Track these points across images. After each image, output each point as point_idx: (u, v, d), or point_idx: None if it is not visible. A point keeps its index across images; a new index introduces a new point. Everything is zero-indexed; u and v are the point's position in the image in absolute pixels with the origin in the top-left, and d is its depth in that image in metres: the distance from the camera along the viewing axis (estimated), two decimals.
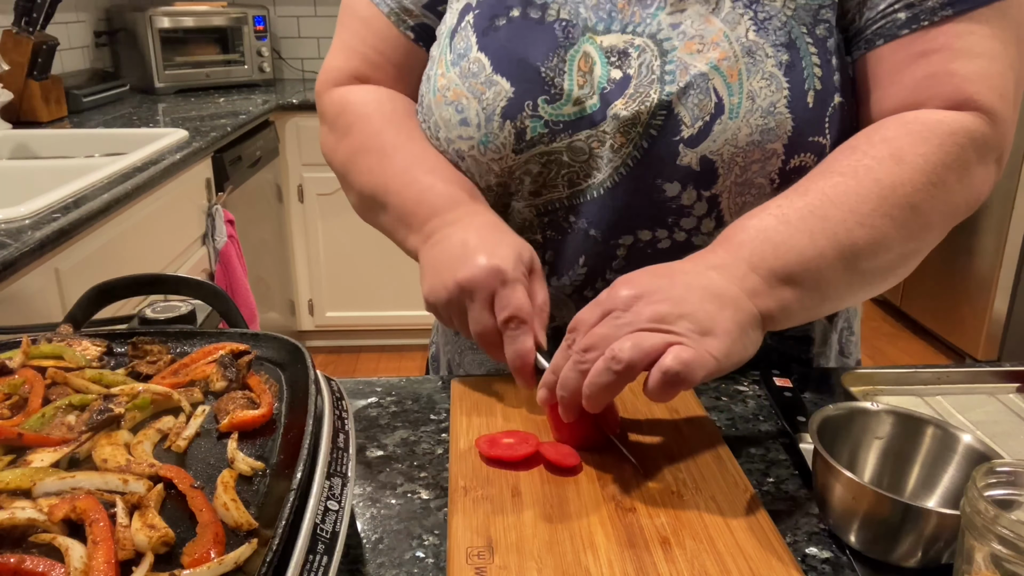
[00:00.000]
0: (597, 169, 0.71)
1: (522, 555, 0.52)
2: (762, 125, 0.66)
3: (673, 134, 0.68)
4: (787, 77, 0.67)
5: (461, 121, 0.73)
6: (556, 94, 0.70)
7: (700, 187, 0.69)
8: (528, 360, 0.64)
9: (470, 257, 0.66)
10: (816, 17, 0.68)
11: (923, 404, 0.72)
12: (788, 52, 0.67)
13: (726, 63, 0.66)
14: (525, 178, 0.73)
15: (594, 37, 0.70)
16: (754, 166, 0.68)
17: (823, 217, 0.61)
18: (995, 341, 2.94)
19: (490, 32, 0.73)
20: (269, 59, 3.16)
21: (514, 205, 0.76)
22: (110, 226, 1.58)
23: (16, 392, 0.53)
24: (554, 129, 0.70)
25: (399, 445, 0.67)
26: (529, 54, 0.71)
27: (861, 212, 0.61)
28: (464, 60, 0.73)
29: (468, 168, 0.76)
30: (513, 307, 0.64)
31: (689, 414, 0.70)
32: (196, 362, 0.58)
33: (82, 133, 2.21)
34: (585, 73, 0.70)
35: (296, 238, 3.01)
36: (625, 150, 0.69)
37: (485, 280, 0.65)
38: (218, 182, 2.22)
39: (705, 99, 0.66)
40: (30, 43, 2.24)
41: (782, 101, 0.66)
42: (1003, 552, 0.42)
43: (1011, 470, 0.46)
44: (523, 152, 0.72)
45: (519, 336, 0.64)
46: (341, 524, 0.44)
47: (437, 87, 0.75)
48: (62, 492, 0.44)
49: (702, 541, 0.53)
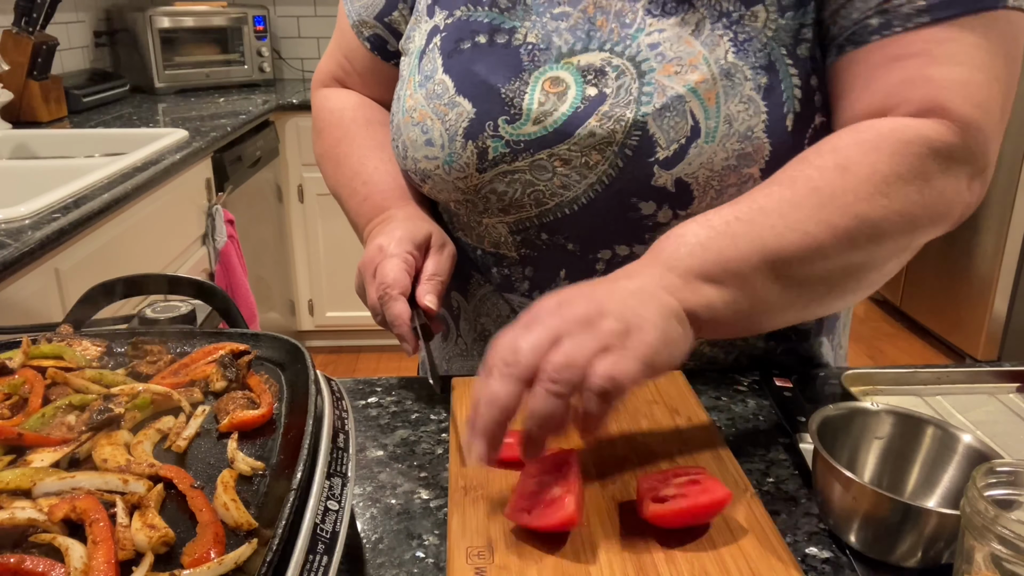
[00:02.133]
0: (566, 188, 0.70)
1: (522, 555, 0.52)
2: (739, 150, 0.66)
3: (648, 155, 0.67)
4: (765, 100, 0.65)
5: (426, 142, 0.74)
6: (516, 114, 0.70)
7: (676, 207, 0.69)
8: (400, 322, 0.69)
9: (369, 244, 0.76)
10: (797, 36, 0.66)
11: (923, 404, 0.72)
12: (767, 75, 0.65)
13: (704, 86, 0.65)
14: (491, 196, 0.74)
15: (570, 60, 0.70)
16: (730, 189, 0.67)
17: (749, 222, 0.58)
18: (995, 341, 2.94)
19: (455, 55, 0.73)
20: (269, 59, 3.16)
21: (486, 222, 0.77)
22: (110, 226, 1.58)
23: (16, 392, 0.53)
24: (515, 149, 0.70)
25: (399, 445, 0.67)
26: (491, 76, 0.71)
27: (792, 218, 0.57)
28: (430, 82, 0.74)
29: (433, 187, 0.76)
30: (381, 275, 0.71)
31: (689, 414, 0.70)
32: (196, 362, 0.58)
33: (82, 133, 2.21)
34: (551, 94, 0.69)
35: (296, 238, 3.01)
36: (600, 168, 0.69)
37: (371, 259, 0.73)
38: (218, 182, 2.22)
39: (681, 121, 0.66)
40: (30, 43, 2.24)
41: (760, 125, 0.65)
42: (1003, 552, 0.42)
43: (1011, 470, 0.46)
44: (486, 171, 0.72)
45: (388, 302, 0.70)
46: (341, 524, 0.44)
47: (405, 107, 0.77)
48: (62, 492, 0.44)
49: (702, 541, 0.53)
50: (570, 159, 0.69)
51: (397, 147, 0.79)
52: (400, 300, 0.70)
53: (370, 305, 0.73)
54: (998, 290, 2.89)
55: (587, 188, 0.70)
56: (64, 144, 2.12)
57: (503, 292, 0.81)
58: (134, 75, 2.95)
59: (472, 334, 0.86)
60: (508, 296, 0.81)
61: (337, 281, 3.07)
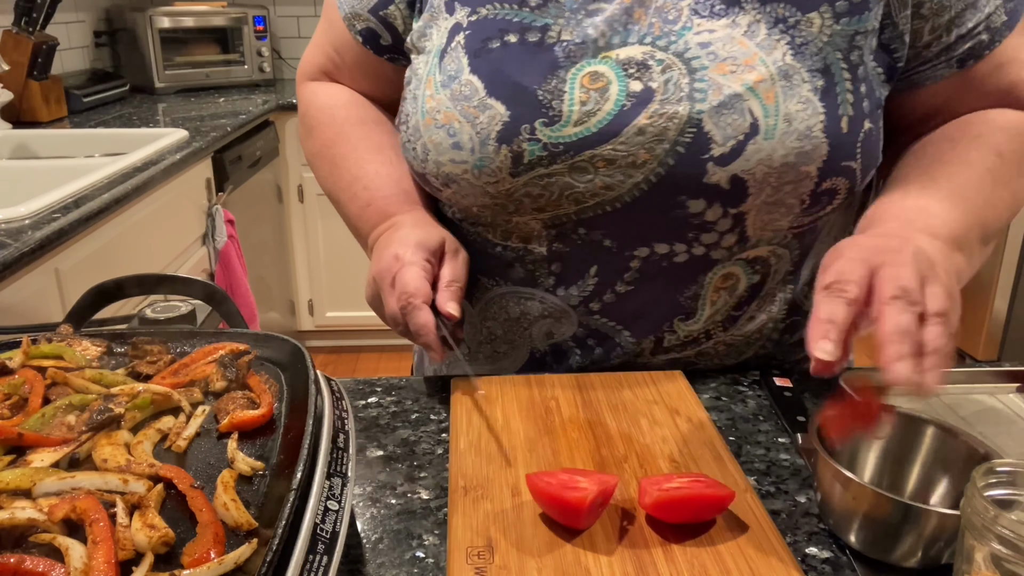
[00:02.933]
0: (609, 188, 0.69)
1: (522, 555, 0.52)
2: (798, 148, 0.66)
3: (702, 152, 0.66)
4: (823, 102, 0.66)
5: (453, 145, 0.71)
6: (555, 116, 0.68)
7: (727, 205, 0.68)
8: (426, 331, 0.69)
9: (381, 253, 0.74)
10: (851, 43, 0.67)
11: (923, 404, 0.72)
12: (823, 78, 0.67)
13: (763, 85, 0.66)
14: (524, 199, 0.71)
15: (608, 55, 0.68)
16: (787, 187, 0.67)
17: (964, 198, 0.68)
18: (995, 341, 2.94)
19: (483, 54, 0.70)
20: (269, 59, 3.16)
21: (517, 219, 0.74)
22: (110, 226, 1.58)
23: (16, 392, 0.53)
24: (553, 152, 0.68)
25: (399, 445, 0.67)
26: (524, 77, 0.69)
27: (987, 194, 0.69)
28: (455, 82, 0.71)
29: (457, 192, 0.73)
30: (401, 286, 0.70)
31: (689, 414, 0.70)
32: (196, 362, 0.58)
33: (82, 133, 2.21)
34: (592, 91, 0.67)
35: (296, 238, 3.01)
36: (649, 166, 0.67)
37: (387, 268, 0.72)
38: (218, 182, 2.22)
39: (739, 119, 0.66)
40: (30, 43, 2.24)
41: (818, 125, 0.66)
42: (1003, 552, 0.42)
43: (1011, 470, 0.46)
44: (520, 175, 0.70)
45: (413, 311, 0.69)
46: (341, 524, 0.44)
47: (426, 108, 0.73)
48: (62, 492, 0.44)
49: (702, 541, 0.53)
50: (615, 159, 0.68)
51: (415, 150, 0.75)
52: (424, 309, 0.69)
53: (390, 315, 0.71)
54: (998, 290, 2.89)
55: (632, 187, 0.69)
56: (64, 144, 2.12)
57: (523, 287, 0.79)
58: (134, 75, 2.95)
59: (477, 338, 0.85)
60: (528, 291, 0.79)
61: (337, 281, 3.07)
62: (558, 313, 0.78)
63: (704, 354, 0.81)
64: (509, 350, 0.83)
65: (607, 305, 0.76)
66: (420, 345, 0.70)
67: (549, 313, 0.79)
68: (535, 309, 0.79)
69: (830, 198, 0.69)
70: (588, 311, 0.77)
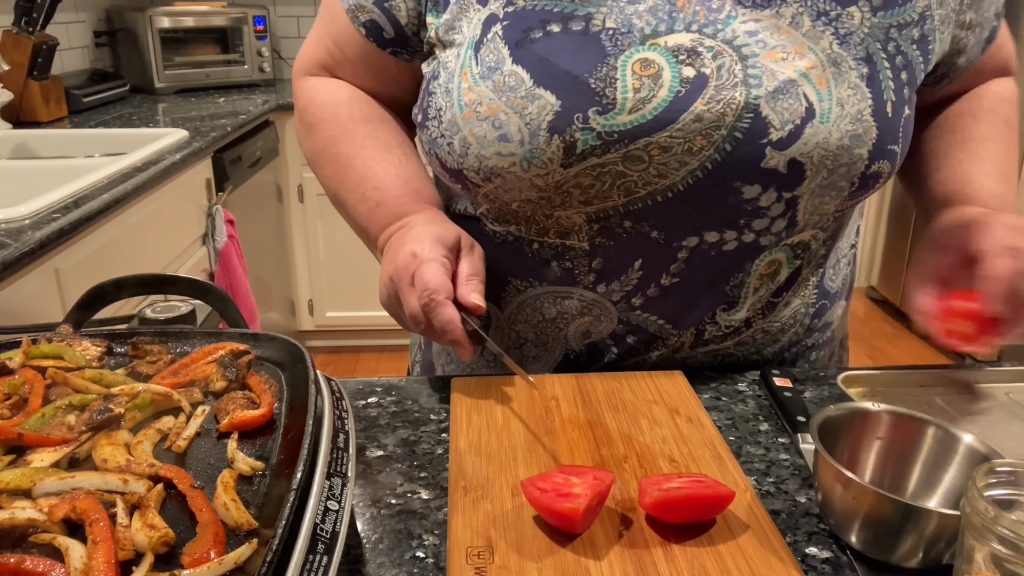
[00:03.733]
0: (662, 176, 0.68)
1: (522, 555, 0.52)
2: (851, 131, 0.68)
3: (760, 136, 0.67)
4: (869, 88, 0.69)
5: (500, 137, 0.69)
6: (608, 104, 0.66)
7: (783, 189, 0.69)
8: (452, 327, 0.67)
9: (396, 252, 0.72)
10: (887, 35, 0.71)
11: (922, 404, 0.72)
12: (867, 65, 0.69)
13: (815, 72, 0.67)
14: (574, 191, 0.70)
15: (655, 42, 0.68)
16: (841, 169, 0.69)
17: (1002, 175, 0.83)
18: None
19: (525, 44, 0.69)
20: (269, 59, 3.16)
21: (560, 213, 0.73)
22: (110, 226, 1.58)
23: (16, 392, 0.53)
24: (607, 140, 0.67)
25: (399, 445, 0.67)
26: (574, 66, 0.67)
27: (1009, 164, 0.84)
28: (496, 73, 0.69)
29: (501, 185, 0.72)
30: (423, 283, 0.68)
31: (689, 414, 0.70)
32: (196, 362, 0.58)
33: (82, 133, 2.21)
34: (644, 78, 0.67)
35: (296, 238, 3.01)
36: (705, 152, 0.67)
37: (405, 266, 0.70)
38: (218, 182, 2.22)
39: (795, 103, 0.67)
40: (30, 43, 2.24)
41: (867, 110, 0.69)
42: (1003, 552, 0.42)
43: (1011, 470, 0.46)
44: (573, 166, 0.68)
45: (437, 308, 0.68)
46: (341, 524, 0.44)
47: (464, 102, 0.71)
48: (62, 492, 0.44)
49: (702, 541, 0.53)
50: (670, 146, 0.67)
51: (451, 144, 0.72)
52: (449, 305, 0.68)
53: (410, 314, 0.70)
54: None
55: (687, 174, 0.68)
56: (64, 144, 2.12)
57: (560, 286, 0.77)
58: (134, 75, 2.95)
59: (505, 343, 0.83)
60: (565, 289, 0.77)
61: (337, 281, 3.07)
62: (597, 311, 0.77)
63: (743, 343, 0.81)
64: (540, 353, 0.82)
65: (650, 299, 0.76)
66: (447, 343, 0.68)
67: (588, 311, 0.78)
68: (573, 308, 0.78)
69: (875, 180, 0.72)
70: (630, 307, 0.76)
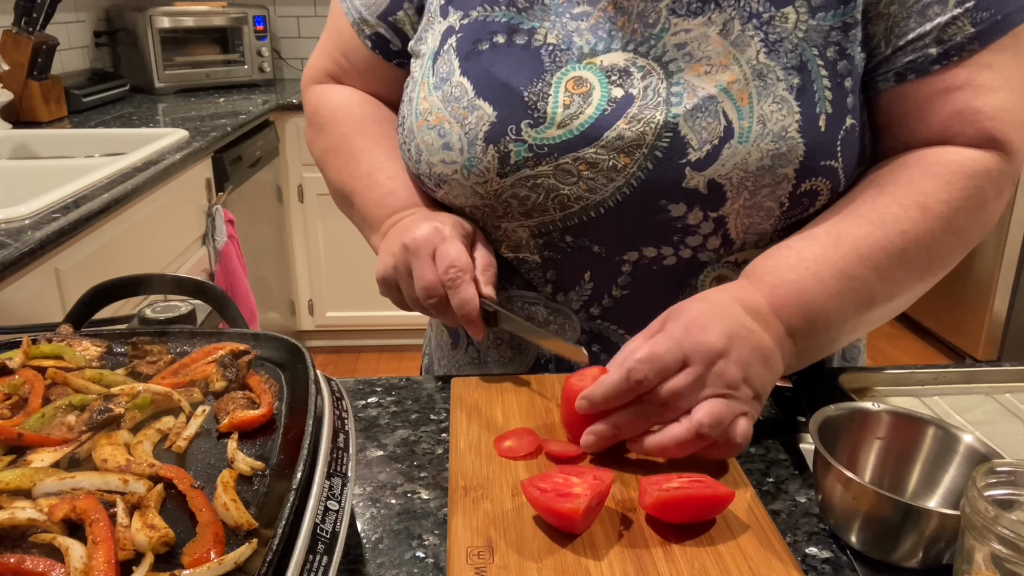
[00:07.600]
0: (592, 191, 0.69)
1: (522, 555, 0.52)
2: (773, 150, 0.65)
3: (679, 157, 0.66)
4: (798, 101, 0.65)
5: (444, 145, 0.72)
6: (540, 118, 0.69)
7: (707, 208, 0.68)
8: (473, 305, 0.69)
9: (414, 225, 0.73)
10: (827, 39, 0.66)
11: (922, 404, 0.72)
12: (799, 75, 0.66)
13: (736, 86, 0.65)
14: (512, 201, 0.72)
15: (592, 61, 0.69)
16: (764, 190, 0.67)
17: (851, 276, 0.64)
18: (995, 341, 2.94)
19: (473, 56, 0.72)
20: (269, 59, 3.16)
21: (506, 226, 0.75)
22: (110, 226, 1.58)
23: (16, 392, 0.53)
24: (538, 153, 0.69)
25: (399, 445, 0.67)
26: (512, 79, 0.69)
27: (884, 268, 0.64)
28: (446, 84, 0.72)
29: (449, 192, 0.74)
30: (451, 258, 0.69)
31: None
32: (196, 362, 0.58)
33: (82, 133, 2.20)
34: (575, 95, 0.68)
35: (296, 238, 3.01)
36: (629, 170, 0.68)
37: (427, 239, 0.70)
38: (218, 182, 2.22)
39: (714, 122, 0.65)
40: (30, 43, 2.24)
41: (793, 125, 0.65)
42: (1003, 552, 0.42)
43: (1011, 470, 0.46)
44: (507, 176, 0.70)
45: (460, 285, 0.68)
46: (341, 524, 0.44)
47: (419, 111, 0.74)
48: (62, 492, 0.44)
49: (702, 541, 0.53)
50: (596, 162, 0.68)
51: (409, 151, 0.77)
52: (471, 283, 0.68)
53: (424, 286, 0.70)
54: (998, 290, 2.89)
55: (614, 191, 0.69)
56: (64, 144, 2.12)
57: (530, 291, 0.79)
58: (134, 75, 2.95)
59: (487, 341, 0.85)
60: (532, 295, 0.79)
61: (337, 281, 3.07)
62: (562, 319, 0.78)
63: None
64: (515, 355, 0.83)
65: (606, 309, 0.76)
66: (460, 319, 0.69)
67: (553, 319, 0.79)
68: (540, 315, 0.79)
69: (811, 200, 0.68)
70: (589, 316, 0.77)
